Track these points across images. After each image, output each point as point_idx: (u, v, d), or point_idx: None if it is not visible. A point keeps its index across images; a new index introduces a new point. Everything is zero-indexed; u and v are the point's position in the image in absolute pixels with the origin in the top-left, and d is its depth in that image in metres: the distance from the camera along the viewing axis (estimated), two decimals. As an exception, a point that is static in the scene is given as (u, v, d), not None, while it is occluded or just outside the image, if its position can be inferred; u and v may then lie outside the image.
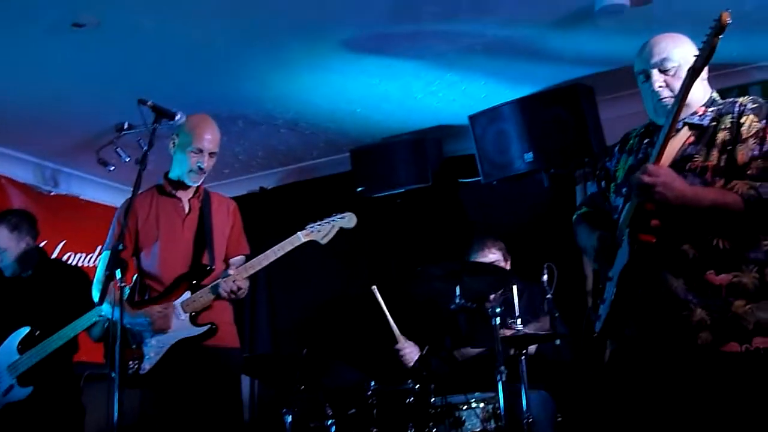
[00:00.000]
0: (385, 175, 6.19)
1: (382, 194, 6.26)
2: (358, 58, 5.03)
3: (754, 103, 3.00)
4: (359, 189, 6.25)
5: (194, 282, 4.14)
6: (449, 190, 6.33)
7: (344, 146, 6.45)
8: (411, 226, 6.46)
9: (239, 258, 4.37)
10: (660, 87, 3.04)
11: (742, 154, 2.89)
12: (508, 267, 5.11)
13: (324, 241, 4.26)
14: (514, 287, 4.50)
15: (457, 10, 4.47)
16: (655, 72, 3.06)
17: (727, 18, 2.73)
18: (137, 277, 4.27)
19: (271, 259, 4.18)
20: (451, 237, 6.12)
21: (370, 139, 6.33)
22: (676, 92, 2.98)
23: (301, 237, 4.23)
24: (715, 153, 2.93)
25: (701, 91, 3.09)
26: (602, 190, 3.34)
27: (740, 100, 3.03)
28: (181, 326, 4.10)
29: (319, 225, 4.27)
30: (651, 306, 2.90)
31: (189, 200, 4.30)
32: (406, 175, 6.15)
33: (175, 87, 5.16)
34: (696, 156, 2.95)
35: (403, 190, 6.18)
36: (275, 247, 4.19)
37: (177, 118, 3.91)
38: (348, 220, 4.35)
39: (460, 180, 6.28)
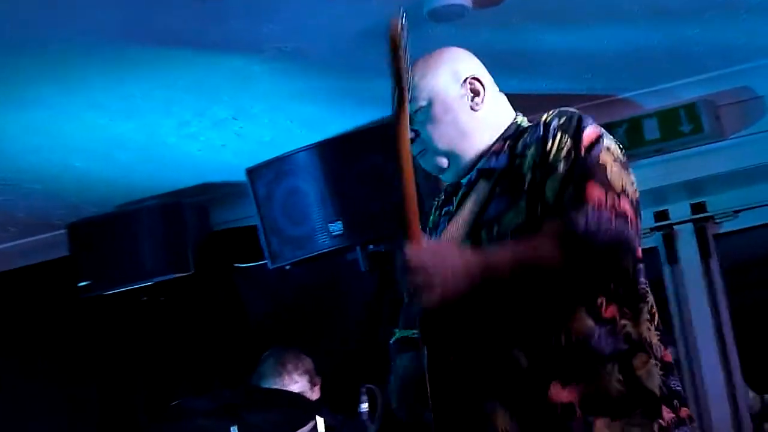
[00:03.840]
0: (123, 261, 6.12)
1: (119, 290, 6.17)
2: (77, 87, 4.94)
3: (560, 117, 2.96)
4: (83, 283, 6.13)
5: None
6: (221, 281, 6.35)
7: (58, 219, 6.37)
8: (165, 337, 6.43)
9: None
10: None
11: (553, 185, 2.86)
12: (315, 395, 5.16)
13: None
14: (321, 423, 4.50)
15: (228, 10, 4.44)
16: None
17: (399, 30, 2.73)
18: None
19: None
20: (226, 350, 6.12)
21: (97, 207, 6.26)
22: (435, 143, 3.04)
23: None
24: (526, 204, 2.89)
25: (486, 122, 3.10)
26: None
27: (543, 117, 3.00)
28: None
29: None
30: None
31: None
32: (154, 259, 6.10)
33: None
34: (504, 215, 2.91)
35: (150, 282, 6.12)
36: None
37: None
38: None
39: (237, 265, 6.31)
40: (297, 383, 5.13)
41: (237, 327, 6.29)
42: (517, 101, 3.22)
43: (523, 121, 3.16)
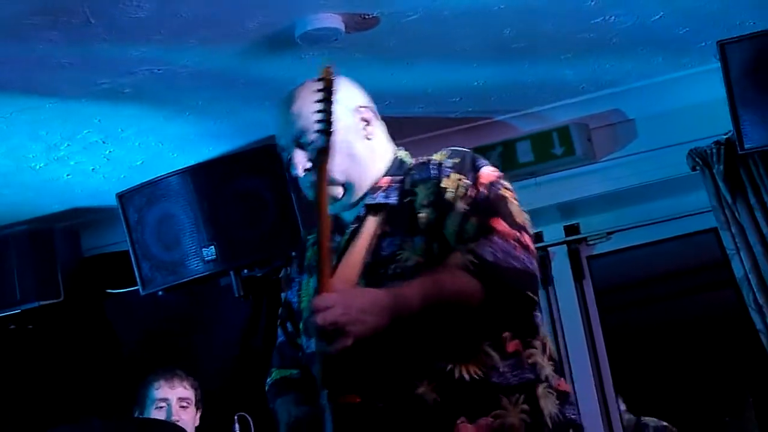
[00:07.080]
0: (-11, 288, 5.98)
1: (-15, 318, 6.03)
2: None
3: (454, 158, 3.01)
4: (-52, 312, 5.99)
5: None
6: (92, 307, 6.26)
7: None
8: (34, 366, 6.30)
9: None
10: (305, 171, 2.99)
11: (454, 221, 2.88)
12: (196, 422, 5.12)
13: None
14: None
15: (97, 33, 4.34)
16: (295, 149, 3.02)
17: (332, 73, 2.72)
18: None
19: None
20: (97, 379, 6.05)
21: (-40, 233, 6.11)
22: (332, 173, 2.95)
23: None
24: (423, 242, 2.89)
25: (377, 152, 3.11)
26: (290, 337, 3.26)
27: (435, 157, 3.04)
28: None
29: None
30: None
31: None
32: (23, 286, 5.97)
33: None
34: (399, 253, 2.90)
35: (18, 310, 5.98)
36: None
37: None
38: None
39: (109, 291, 6.22)
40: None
41: (108, 355, 6.18)
42: (392, 125, 3.21)
43: (404, 155, 3.15)
